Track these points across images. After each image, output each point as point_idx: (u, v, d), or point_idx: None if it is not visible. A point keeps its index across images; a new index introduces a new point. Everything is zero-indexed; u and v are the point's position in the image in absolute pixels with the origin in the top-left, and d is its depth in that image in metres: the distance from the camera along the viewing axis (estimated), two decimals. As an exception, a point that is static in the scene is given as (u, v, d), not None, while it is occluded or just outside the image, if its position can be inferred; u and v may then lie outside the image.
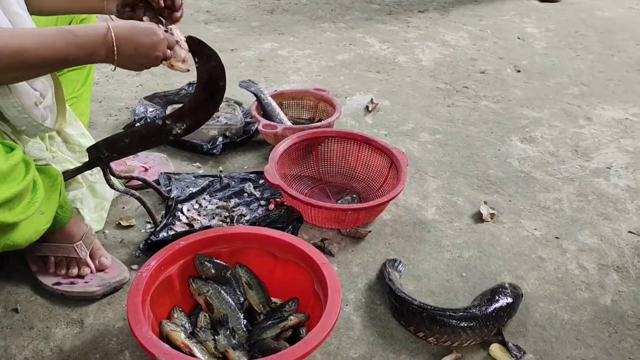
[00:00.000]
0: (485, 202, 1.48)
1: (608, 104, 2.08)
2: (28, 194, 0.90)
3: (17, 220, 0.88)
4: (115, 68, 1.00)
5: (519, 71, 2.35)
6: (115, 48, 0.95)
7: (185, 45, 1.09)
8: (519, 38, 2.72)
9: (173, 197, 1.38)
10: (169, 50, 1.04)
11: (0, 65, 0.86)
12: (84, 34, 0.94)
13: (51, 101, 1.09)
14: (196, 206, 1.40)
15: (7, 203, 0.84)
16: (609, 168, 1.69)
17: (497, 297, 1.11)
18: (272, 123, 1.61)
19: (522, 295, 1.15)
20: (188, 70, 1.09)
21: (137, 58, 0.99)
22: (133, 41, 0.98)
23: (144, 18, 1.13)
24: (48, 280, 1.14)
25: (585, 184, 1.60)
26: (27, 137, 1.06)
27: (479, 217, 1.43)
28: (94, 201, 1.31)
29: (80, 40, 0.93)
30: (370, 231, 1.35)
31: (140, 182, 1.39)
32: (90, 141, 1.27)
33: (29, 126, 1.03)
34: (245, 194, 1.45)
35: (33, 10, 1.16)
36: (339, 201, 1.43)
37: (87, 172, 1.27)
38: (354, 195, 1.45)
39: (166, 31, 1.06)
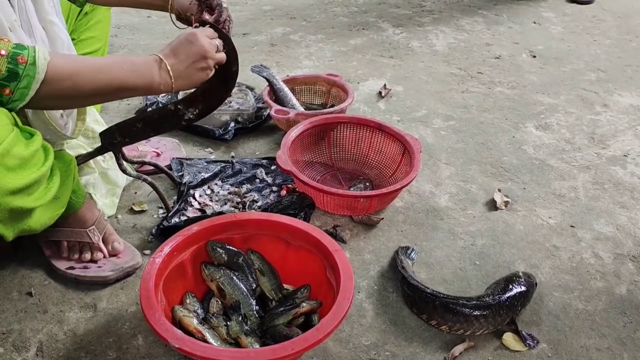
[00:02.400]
0: (499, 190, 1.46)
1: (625, 90, 2.05)
2: (45, 180, 0.90)
3: (35, 206, 0.88)
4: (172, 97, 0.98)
5: (534, 56, 2.31)
6: (168, 67, 0.96)
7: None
8: (534, 22, 2.68)
9: (185, 183, 1.38)
10: (221, 54, 1.03)
11: (53, 91, 0.86)
12: (139, 61, 0.95)
13: (73, 110, 1.10)
14: (208, 192, 1.40)
15: (27, 189, 0.85)
16: (626, 156, 1.66)
17: (510, 286, 1.10)
18: (284, 109, 1.60)
19: (536, 284, 1.14)
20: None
21: (191, 65, 0.98)
22: (179, 53, 0.97)
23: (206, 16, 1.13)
24: (61, 265, 1.15)
25: (602, 172, 1.58)
26: None
27: (492, 205, 1.42)
28: (106, 187, 1.32)
29: (137, 68, 0.94)
30: (382, 218, 1.34)
31: (152, 167, 1.39)
32: (103, 127, 1.27)
33: (52, 136, 1.05)
34: (257, 180, 1.45)
35: None
36: (352, 188, 1.42)
37: (99, 159, 1.28)
38: (367, 183, 1.44)
39: (222, 27, 1.07)
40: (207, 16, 1.12)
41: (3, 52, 0.81)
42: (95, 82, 0.90)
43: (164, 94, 1.74)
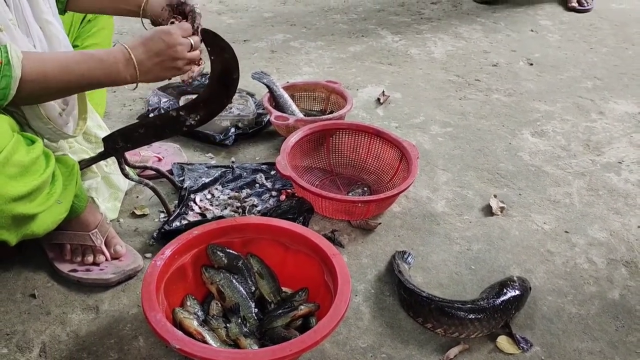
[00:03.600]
0: (495, 196, 1.49)
1: (621, 98, 2.07)
2: (47, 186, 0.92)
3: (38, 212, 0.90)
4: (136, 86, 1.01)
5: (531, 64, 2.34)
6: (135, 61, 0.97)
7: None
8: (532, 30, 2.70)
9: (186, 187, 1.40)
10: (195, 52, 1.04)
11: (25, 91, 0.88)
12: (107, 56, 0.96)
13: (74, 107, 1.12)
14: (209, 196, 1.42)
15: (29, 195, 0.86)
16: (620, 163, 1.68)
17: (505, 290, 1.12)
18: (284, 115, 1.63)
19: (530, 288, 1.16)
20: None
21: (159, 63, 0.99)
22: (150, 48, 0.98)
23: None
24: (64, 267, 1.17)
25: (596, 179, 1.60)
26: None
27: (488, 211, 1.44)
28: (109, 191, 1.33)
29: (103, 64, 0.95)
30: (380, 223, 1.36)
31: (154, 172, 1.41)
32: (105, 132, 1.29)
33: (52, 134, 1.06)
34: (257, 185, 1.47)
35: (70, 7, 1.20)
36: (350, 193, 1.45)
37: (102, 163, 1.30)
38: (365, 188, 1.46)
39: (194, 33, 1.07)
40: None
41: None
42: (63, 79, 0.92)
43: (165, 100, 1.77)
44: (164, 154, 1.57)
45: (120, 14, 1.24)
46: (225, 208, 1.38)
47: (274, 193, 1.44)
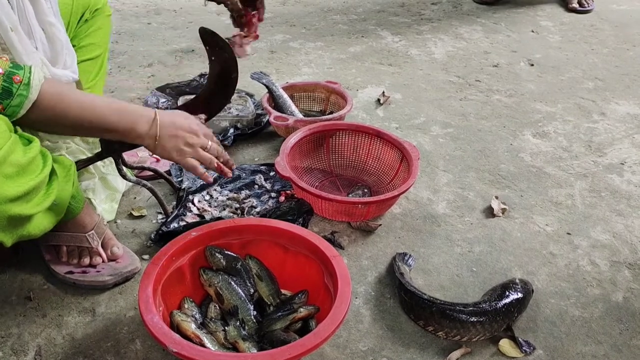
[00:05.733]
0: (496, 197, 1.47)
1: (623, 99, 2.06)
2: (44, 186, 0.91)
3: (34, 212, 0.89)
4: (152, 152, 1.02)
5: (532, 65, 2.33)
6: (158, 125, 0.98)
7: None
8: (532, 31, 2.70)
9: (184, 188, 1.39)
10: (209, 141, 1.06)
11: (35, 115, 0.89)
12: (132, 108, 0.98)
13: None
14: (207, 197, 1.41)
15: (25, 196, 0.85)
16: (623, 164, 1.67)
17: (507, 293, 1.10)
18: (284, 115, 1.61)
19: (532, 291, 1.15)
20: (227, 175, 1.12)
21: (174, 137, 1.00)
22: (174, 122, 1.01)
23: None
24: (60, 269, 1.15)
25: (598, 180, 1.59)
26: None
27: (490, 212, 1.42)
28: (105, 192, 1.32)
29: (124, 113, 0.96)
30: (380, 225, 1.35)
31: (151, 173, 1.39)
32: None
33: (55, 136, 1.06)
34: (256, 186, 1.46)
35: None
36: (350, 194, 1.43)
37: (99, 164, 1.29)
38: (365, 190, 1.45)
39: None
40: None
41: (0, 70, 0.83)
42: (78, 115, 0.92)
43: (164, 101, 1.76)
44: (162, 154, 1.55)
45: None
46: (224, 209, 1.37)
47: (273, 194, 1.43)
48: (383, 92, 2.00)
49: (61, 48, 1.08)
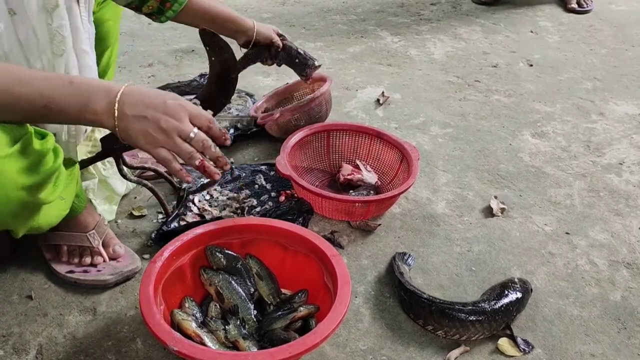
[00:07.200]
0: (495, 197, 1.48)
1: (621, 99, 2.07)
2: (54, 179, 0.92)
3: (45, 202, 0.91)
4: (121, 138, 0.85)
5: (531, 65, 2.33)
6: (117, 99, 0.80)
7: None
8: (531, 32, 2.70)
9: (184, 188, 1.39)
10: (193, 129, 0.86)
11: None
12: (80, 81, 0.82)
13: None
14: (207, 197, 1.41)
15: (38, 185, 0.87)
16: (621, 164, 1.68)
17: (506, 292, 1.11)
18: (268, 113, 1.60)
19: (531, 290, 1.16)
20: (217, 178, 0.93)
21: (143, 121, 0.82)
22: (142, 98, 0.82)
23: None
24: (61, 269, 1.16)
25: (597, 180, 1.59)
26: None
27: (489, 212, 1.43)
28: (104, 194, 1.33)
29: (73, 87, 0.80)
30: (380, 224, 1.35)
31: (152, 173, 1.40)
32: (104, 133, 1.28)
33: (64, 134, 1.06)
34: (256, 186, 1.46)
35: (179, 19, 1.25)
36: (354, 194, 1.43)
37: (100, 166, 1.29)
38: (371, 191, 1.45)
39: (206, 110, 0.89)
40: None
41: None
42: (14, 93, 0.77)
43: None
44: (162, 154, 1.55)
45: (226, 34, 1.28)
46: (224, 209, 1.37)
47: (273, 194, 1.43)
48: (382, 93, 2.01)
49: (89, 74, 1.09)
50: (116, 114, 0.81)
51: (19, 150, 0.82)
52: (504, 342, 1.07)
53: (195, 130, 0.86)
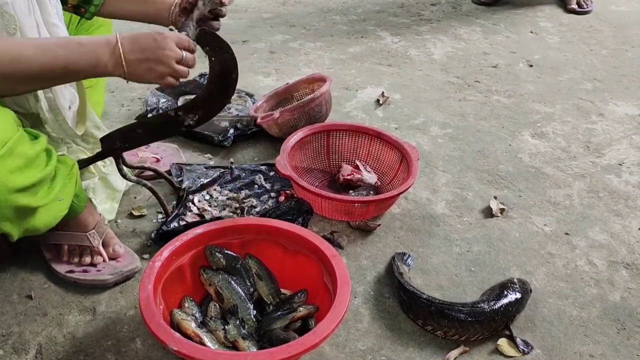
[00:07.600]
0: (495, 197, 1.48)
1: (621, 100, 2.07)
2: (49, 181, 0.92)
3: (39, 205, 0.91)
4: (127, 80, 0.97)
5: (531, 66, 2.33)
6: (121, 51, 0.93)
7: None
8: (532, 32, 2.70)
9: (184, 188, 1.39)
10: (184, 52, 1.00)
11: (1, 74, 0.86)
12: (87, 41, 0.93)
13: (78, 109, 1.14)
14: (207, 197, 1.41)
15: (32, 188, 0.88)
16: (621, 164, 1.68)
17: (505, 292, 1.11)
18: (268, 112, 1.61)
19: (530, 290, 1.16)
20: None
21: (144, 61, 0.95)
22: (138, 42, 0.95)
23: None
24: (61, 268, 1.16)
25: (597, 180, 1.59)
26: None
27: (488, 212, 1.43)
28: (106, 192, 1.33)
29: (83, 48, 0.91)
30: (379, 224, 1.35)
31: (152, 173, 1.40)
32: (103, 133, 1.28)
33: (58, 130, 1.07)
34: (256, 186, 1.46)
35: (101, 13, 1.21)
36: (354, 194, 1.43)
37: (99, 164, 1.29)
38: (370, 191, 1.45)
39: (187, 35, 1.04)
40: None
41: None
42: (39, 62, 0.88)
43: (164, 101, 1.76)
44: (162, 154, 1.56)
45: (148, 20, 1.24)
46: (224, 209, 1.37)
47: (272, 194, 1.43)
48: (382, 93, 2.01)
49: None
50: (124, 63, 0.94)
51: (6, 152, 0.82)
52: (503, 343, 1.07)
53: (184, 52, 1.00)
